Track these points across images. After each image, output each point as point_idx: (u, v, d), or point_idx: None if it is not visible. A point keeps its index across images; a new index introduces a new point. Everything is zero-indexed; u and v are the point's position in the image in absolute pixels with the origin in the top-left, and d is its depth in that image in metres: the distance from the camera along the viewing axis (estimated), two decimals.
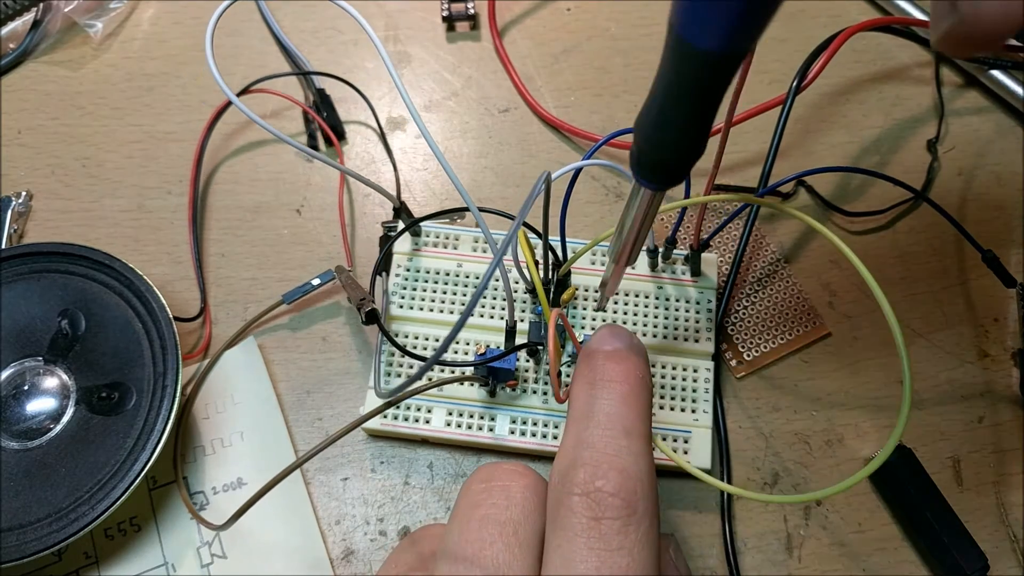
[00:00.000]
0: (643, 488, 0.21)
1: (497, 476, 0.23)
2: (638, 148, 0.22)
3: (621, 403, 0.22)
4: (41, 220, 0.39)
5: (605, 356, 0.24)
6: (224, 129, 0.41)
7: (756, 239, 0.37)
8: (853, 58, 0.42)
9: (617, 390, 0.23)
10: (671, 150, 0.21)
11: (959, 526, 0.31)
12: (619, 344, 0.24)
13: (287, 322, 0.36)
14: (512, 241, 0.29)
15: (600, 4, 0.44)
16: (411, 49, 0.43)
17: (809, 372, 0.35)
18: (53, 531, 0.29)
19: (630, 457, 0.21)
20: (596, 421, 0.22)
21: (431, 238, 0.36)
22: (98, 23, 0.43)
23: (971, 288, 0.37)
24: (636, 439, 0.22)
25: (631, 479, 0.21)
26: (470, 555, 0.21)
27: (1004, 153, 0.40)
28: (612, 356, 0.24)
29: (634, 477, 0.21)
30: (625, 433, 0.22)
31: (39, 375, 0.32)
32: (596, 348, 0.24)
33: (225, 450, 0.33)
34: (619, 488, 0.20)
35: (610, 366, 0.23)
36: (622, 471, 0.21)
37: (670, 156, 0.21)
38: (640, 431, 0.22)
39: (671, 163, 0.22)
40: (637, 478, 0.21)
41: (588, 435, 0.22)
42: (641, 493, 0.21)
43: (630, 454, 0.21)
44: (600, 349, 0.24)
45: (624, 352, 0.24)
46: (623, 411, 0.22)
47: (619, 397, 0.22)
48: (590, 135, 0.40)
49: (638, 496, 0.20)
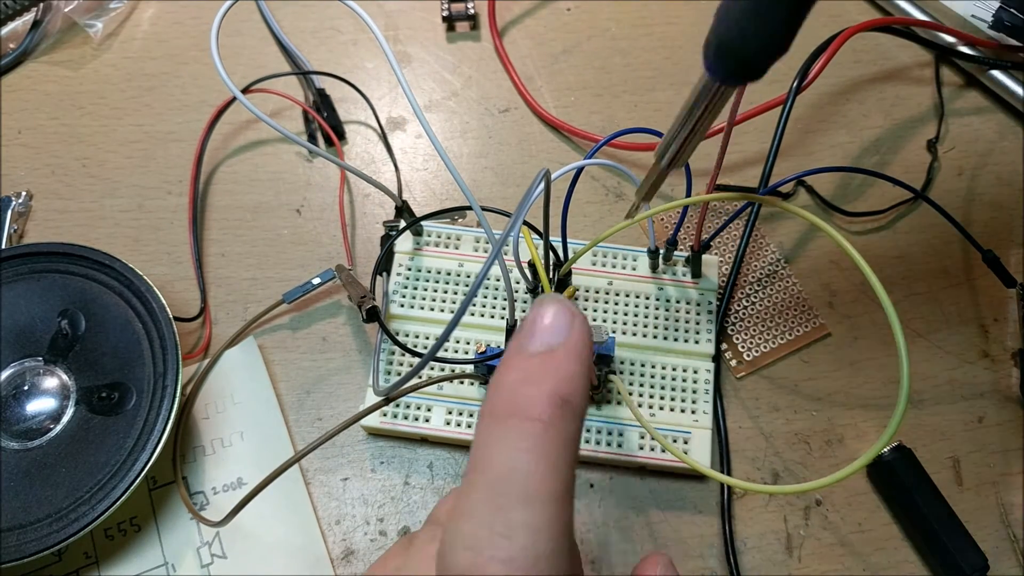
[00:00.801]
0: None
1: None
2: (719, 38, 0.20)
3: (527, 452, 0.17)
4: (41, 220, 0.39)
5: (521, 372, 0.18)
6: (224, 129, 0.41)
7: (756, 240, 0.37)
8: (853, 58, 0.42)
9: (526, 431, 0.17)
10: (760, 41, 0.19)
11: (959, 526, 0.31)
12: (551, 339, 0.18)
13: (287, 322, 0.36)
14: (511, 234, 0.29)
15: (600, 4, 0.44)
16: (411, 49, 0.43)
17: (809, 372, 0.35)
18: (53, 531, 0.29)
19: (525, 539, 0.16)
20: (487, 478, 0.17)
21: (432, 238, 0.36)
22: (98, 23, 0.43)
23: (971, 288, 0.37)
24: (537, 507, 0.16)
25: (521, 569, 0.16)
26: None
27: (1004, 153, 0.40)
28: (530, 371, 0.18)
29: (527, 566, 0.16)
30: (524, 500, 0.16)
31: (39, 375, 0.32)
32: (519, 347, 0.18)
33: (225, 450, 0.33)
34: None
35: (521, 393, 0.18)
36: (507, 562, 0.16)
37: (756, 48, 0.19)
38: (546, 492, 0.17)
39: (755, 56, 0.20)
40: (531, 566, 0.16)
41: (472, 502, 0.17)
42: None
43: (526, 534, 0.16)
44: (523, 349, 0.18)
45: (550, 359, 0.18)
46: (526, 465, 0.17)
47: (526, 444, 0.17)
48: (590, 135, 0.40)
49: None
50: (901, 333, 0.22)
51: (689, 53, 0.42)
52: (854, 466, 0.22)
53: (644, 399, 0.33)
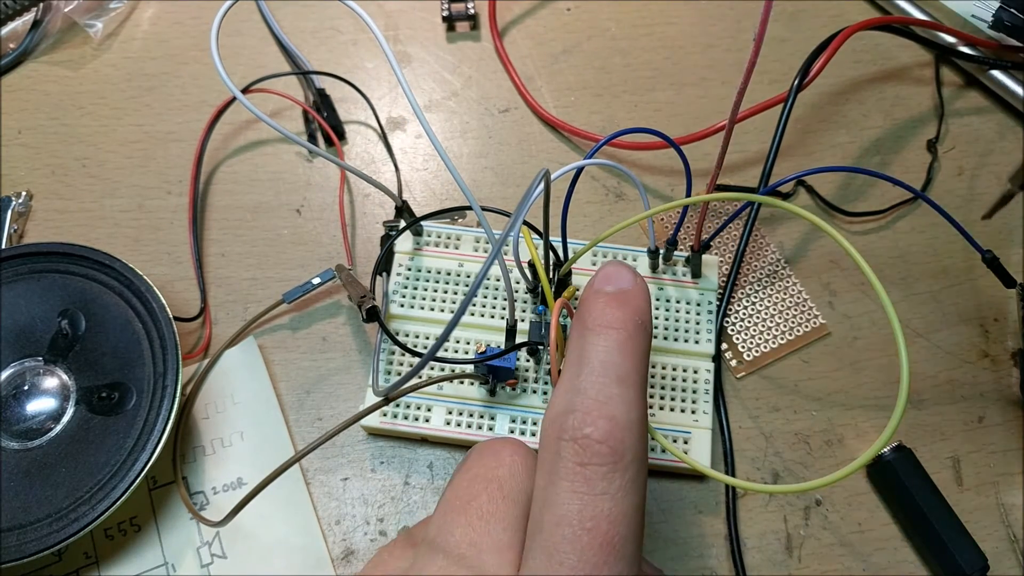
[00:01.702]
0: (631, 437, 0.21)
1: (488, 444, 0.24)
2: None
3: (616, 351, 0.22)
4: (41, 220, 0.39)
5: (605, 300, 0.23)
6: (224, 129, 0.41)
7: (756, 240, 0.37)
8: (853, 58, 0.42)
9: (613, 337, 0.22)
10: None
11: (959, 526, 0.31)
12: (622, 284, 0.23)
13: (287, 322, 0.36)
14: (511, 234, 0.29)
15: (600, 4, 0.44)
16: (411, 49, 0.43)
17: (809, 372, 0.35)
18: (53, 531, 0.29)
19: (621, 405, 0.21)
20: (590, 368, 0.22)
21: (432, 238, 0.36)
22: (98, 23, 0.43)
23: (971, 288, 0.37)
24: (629, 387, 0.21)
25: (620, 427, 0.20)
26: (457, 507, 0.22)
27: (1004, 153, 0.40)
28: (612, 300, 0.23)
29: (623, 426, 0.21)
30: (618, 381, 0.21)
31: (39, 375, 0.32)
32: (598, 289, 0.24)
33: (225, 450, 0.33)
34: (607, 436, 0.20)
35: (608, 312, 0.23)
36: (611, 419, 0.21)
37: None
38: (634, 379, 0.22)
39: None
40: (626, 427, 0.21)
41: (581, 382, 0.22)
42: (629, 442, 0.20)
43: (622, 402, 0.21)
44: (601, 290, 0.23)
45: (624, 295, 0.23)
46: (618, 359, 0.22)
47: (615, 344, 0.22)
48: (590, 135, 0.40)
49: (626, 444, 0.20)
50: (901, 333, 0.22)
51: (689, 53, 0.42)
52: (854, 466, 0.22)
53: None
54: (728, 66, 0.42)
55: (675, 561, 0.32)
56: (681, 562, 0.31)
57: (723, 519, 0.32)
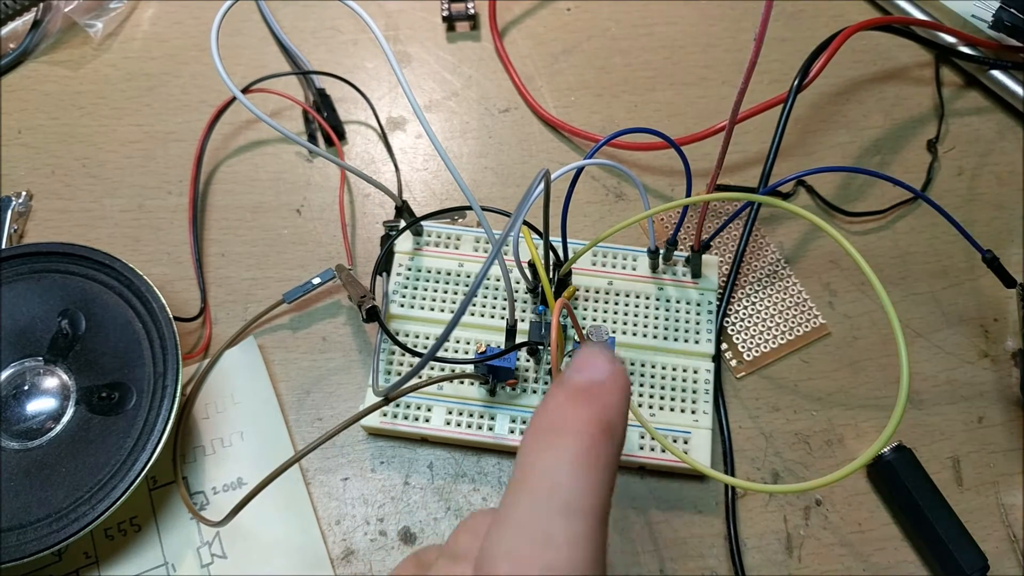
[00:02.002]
0: None
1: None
2: None
3: (568, 466, 0.18)
4: (41, 220, 0.39)
5: (565, 395, 0.19)
6: (224, 129, 0.41)
7: (756, 239, 0.37)
8: (853, 58, 0.42)
9: (568, 447, 0.18)
10: None
11: (959, 526, 0.31)
12: (594, 375, 0.19)
13: (287, 322, 0.36)
14: (511, 234, 0.30)
15: (600, 4, 0.44)
16: (411, 49, 0.43)
17: (809, 372, 0.35)
18: (53, 531, 0.29)
19: (562, 548, 0.17)
20: (530, 489, 0.18)
21: (432, 238, 0.36)
22: (98, 23, 0.43)
23: (971, 288, 0.37)
24: (579, 519, 0.17)
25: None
26: None
27: (1004, 153, 0.40)
28: (574, 396, 0.19)
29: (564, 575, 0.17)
30: (564, 511, 0.17)
31: (39, 375, 0.32)
32: (565, 379, 0.20)
33: (225, 450, 0.33)
34: None
35: (567, 411, 0.19)
36: (547, 567, 0.16)
37: None
38: (586, 506, 0.17)
39: None
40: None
41: (516, 513, 0.17)
42: None
43: (564, 543, 0.17)
44: (567, 381, 0.20)
45: (593, 389, 0.19)
46: (567, 479, 0.17)
47: (568, 457, 0.18)
48: (590, 135, 0.40)
49: None
50: (901, 333, 0.22)
51: (689, 53, 0.42)
52: (854, 466, 0.22)
53: (644, 399, 0.33)
54: (728, 66, 0.42)
55: (675, 561, 0.32)
56: (681, 562, 0.31)
57: (723, 519, 0.32)
